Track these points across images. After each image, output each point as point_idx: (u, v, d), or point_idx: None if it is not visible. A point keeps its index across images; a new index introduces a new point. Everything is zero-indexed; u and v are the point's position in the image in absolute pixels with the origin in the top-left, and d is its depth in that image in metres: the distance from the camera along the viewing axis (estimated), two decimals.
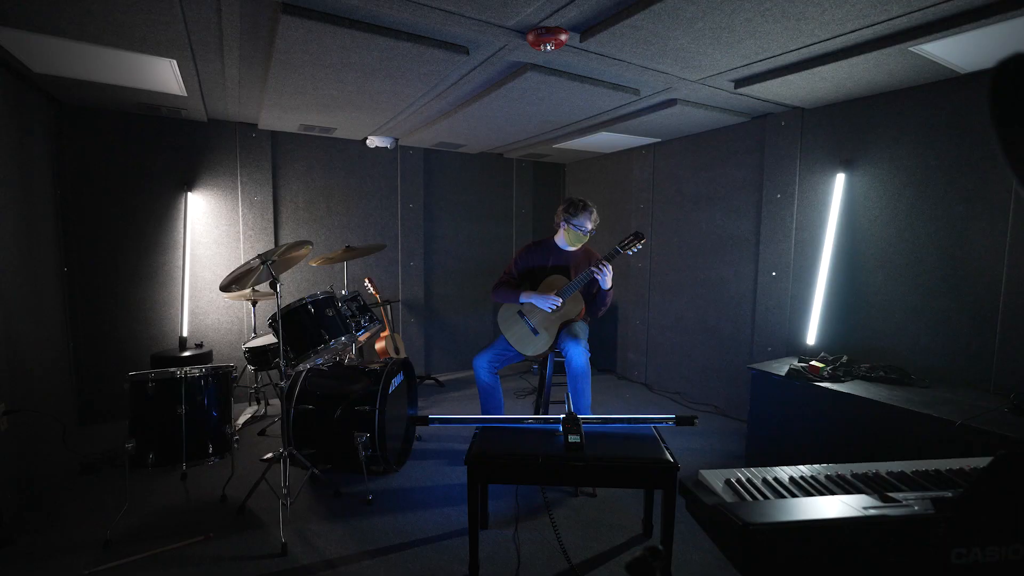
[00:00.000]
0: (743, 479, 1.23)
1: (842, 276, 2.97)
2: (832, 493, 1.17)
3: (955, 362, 2.54)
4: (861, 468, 1.30)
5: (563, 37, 2.00)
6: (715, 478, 1.23)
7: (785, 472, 1.28)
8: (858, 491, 1.17)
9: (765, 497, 1.15)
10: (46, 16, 1.88)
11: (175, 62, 2.33)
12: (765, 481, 1.23)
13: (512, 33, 2.03)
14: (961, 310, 2.51)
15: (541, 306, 2.72)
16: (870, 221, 2.85)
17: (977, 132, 2.43)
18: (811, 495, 1.16)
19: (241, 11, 1.89)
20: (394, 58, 2.23)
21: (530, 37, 2.02)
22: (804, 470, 1.29)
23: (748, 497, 1.15)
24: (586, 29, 1.99)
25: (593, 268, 2.64)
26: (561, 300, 2.71)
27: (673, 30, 1.91)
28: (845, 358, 2.72)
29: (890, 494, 1.11)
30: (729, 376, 3.68)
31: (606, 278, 2.67)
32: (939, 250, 2.58)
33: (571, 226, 2.80)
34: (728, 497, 1.16)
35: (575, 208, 2.79)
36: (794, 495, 1.16)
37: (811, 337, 3.07)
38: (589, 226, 2.78)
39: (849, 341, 2.95)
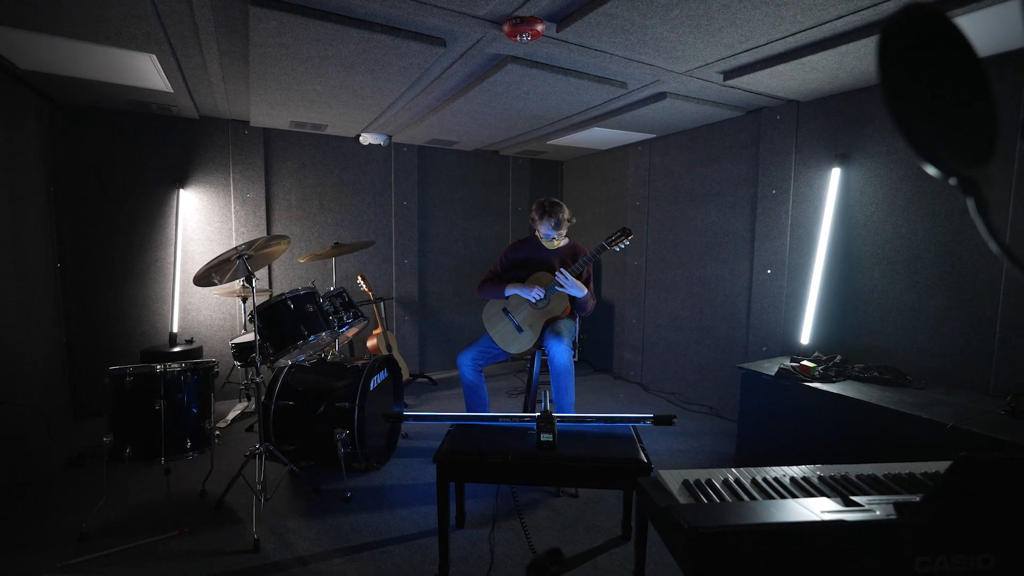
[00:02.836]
0: (701, 480, 1.18)
1: (837, 274, 2.89)
2: (794, 496, 1.11)
3: (953, 363, 2.45)
4: (830, 470, 1.24)
5: (539, 27, 1.96)
6: (672, 479, 1.18)
7: (749, 474, 1.23)
8: (823, 495, 1.11)
9: (723, 500, 1.10)
10: (19, 10, 1.88)
11: (155, 57, 2.33)
12: (726, 483, 1.18)
13: (487, 24, 2.00)
14: (959, 309, 2.42)
15: (525, 296, 2.69)
16: (866, 217, 2.76)
17: None
18: (772, 498, 1.11)
19: (212, 3, 1.88)
20: (371, 51, 2.21)
21: (506, 28, 1.98)
22: (770, 472, 1.24)
23: (704, 499, 1.10)
24: (562, 18, 1.95)
25: (557, 275, 2.61)
26: (544, 292, 2.68)
27: (649, 18, 1.86)
28: (839, 358, 2.64)
29: (853, 498, 1.06)
30: (723, 376, 3.61)
31: (571, 288, 2.61)
32: (937, 247, 2.49)
33: (540, 235, 2.81)
34: (684, 499, 1.11)
35: (537, 214, 2.75)
36: (754, 498, 1.11)
37: (806, 336, 2.99)
38: (553, 233, 2.74)
39: (844, 340, 2.86)
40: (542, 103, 2.99)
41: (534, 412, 2.87)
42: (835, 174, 2.85)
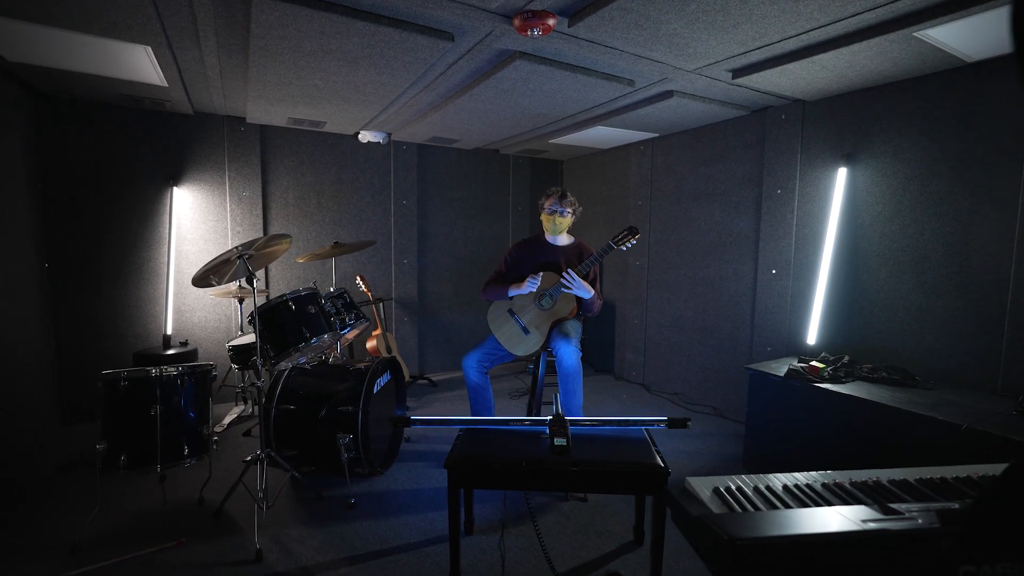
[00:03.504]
0: (732, 488, 1.14)
1: (844, 274, 2.88)
2: (829, 504, 1.08)
3: (961, 363, 2.44)
4: (861, 476, 1.21)
5: (551, 22, 1.92)
6: (703, 486, 1.14)
7: (779, 480, 1.19)
8: (858, 501, 1.08)
9: (756, 508, 1.06)
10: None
11: (150, 49, 2.25)
12: (757, 490, 1.14)
13: (497, 17, 1.95)
14: (967, 309, 2.41)
15: (525, 290, 2.65)
16: (873, 217, 2.75)
17: (984, 124, 2.33)
18: (807, 506, 1.07)
19: None
20: (376, 45, 2.15)
21: (516, 22, 1.94)
22: (800, 478, 1.20)
23: (738, 508, 1.06)
24: (574, 13, 1.90)
25: (563, 276, 2.58)
26: (540, 278, 2.66)
27: (665, 13, 1.82)
28: (846, 358, 2.63)
29: (892, 505, 1.02)
30: (728, 377, 3.59)
31: (578, 289, 2.59)
32: (944, 246, 2.49)
33: (545, 212, 2.80)
34: (716, 507, 1.07)
35: (545, 194, 2.82)
36: (788, 506, 1.07)
37: (812, 337, 2.97)
38: (559, 207, 2.76)
39: (851, 341, 2.85)
40: (548, 100, 2.95)
41: (539, 415, 2.84)
42: (841, 174, 2.83)
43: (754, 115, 3.31)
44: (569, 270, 2.58)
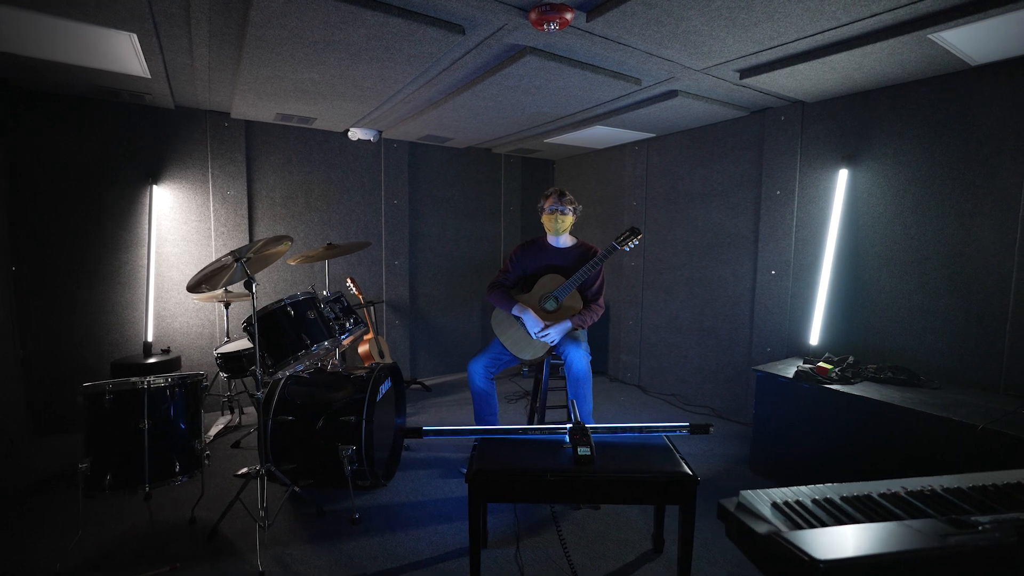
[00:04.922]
0: (790, 501, 1.09)
1: (845, 275, 2.90)
2: (895, 516, 1.04)
3: (963, 362, 2.47)
4: (914, 484, 1.18)
5: (568, 16, 1.85)
6: (760, 501, 1.08)
7: (834, 491, 1.15)
8: (922, 513, 1.05)
9: (822, 523, 1.02)
10: None
11: (135, 36, 2.09)
12: (816, 502, 1.10)
13: (513, 10, 1.87)
14: (969, 309, 2.45)
15: (528, 327, 2.56)
16: (874, 218, 2.78)
17: (986, 126, 2.36)
18: (871, 519, 1.03)
19: None
20: (382, 37, 2.04)
21: (533, 15, 1.86)
22: (854, 488, 1.16)
23: (803, 523, 1.01)
24: (594, 7, 1.84)
25: (539, 333, 2.56)
26: (549, 335, 2.56)
27: (688, 9, 1.77)
28: (851, 359, 2.64)
29: (959, 517, 0.99)
30: (726, 378, 3.59)
31: (557, 331, 2.56)
32: (946, 247, 2.52)
33: (545, 212, 2.73)
34: (780, 523, 1.02)
35: (544, 196, 2.77)
36: (854, 519, 1.03)
37: (814, 337, 2.99)
38: (558, 204, 2.69)
39: (852, 341, 2.87)
40: (552, 98, 2.88)
41: (544, 421, 2.77)
42: (842, 175, 2.85)
43: (752, 116, 3.31)
44: (548, 331, 2.55)
